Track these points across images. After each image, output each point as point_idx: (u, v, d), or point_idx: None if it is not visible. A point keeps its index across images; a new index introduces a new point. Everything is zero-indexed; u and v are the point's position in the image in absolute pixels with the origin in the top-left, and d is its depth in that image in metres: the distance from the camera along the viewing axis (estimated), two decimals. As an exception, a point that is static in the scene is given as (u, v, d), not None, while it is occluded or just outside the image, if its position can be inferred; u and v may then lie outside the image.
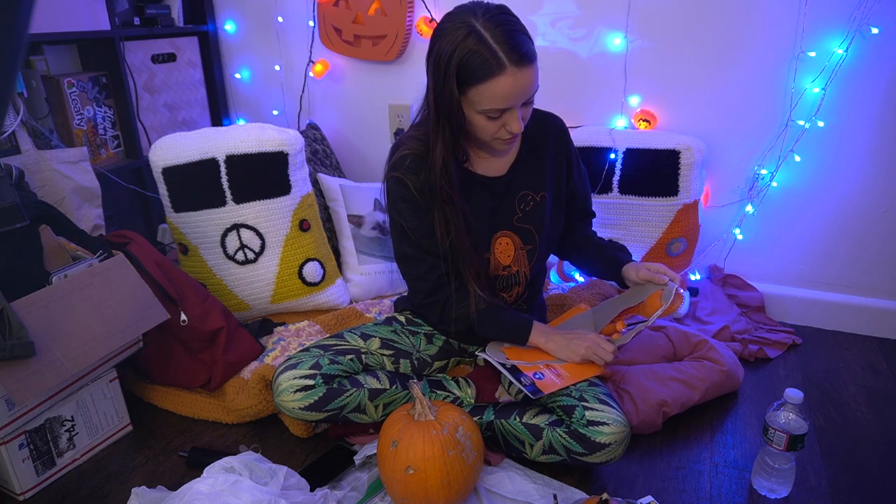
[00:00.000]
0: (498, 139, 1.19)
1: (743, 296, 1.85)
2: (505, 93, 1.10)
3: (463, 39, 1.07)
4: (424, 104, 1.21)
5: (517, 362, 1.25)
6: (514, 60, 1.08)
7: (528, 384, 1.20)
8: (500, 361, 1.26)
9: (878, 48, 1.55)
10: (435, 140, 1.18)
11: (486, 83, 1.09)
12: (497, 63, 1.07)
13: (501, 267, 1.32)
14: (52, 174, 1.64)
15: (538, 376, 1.22)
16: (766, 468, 1.18)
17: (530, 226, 1.32)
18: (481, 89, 1.10)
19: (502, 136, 1.18)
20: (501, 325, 1.28)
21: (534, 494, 1.17)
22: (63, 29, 1.75)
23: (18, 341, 1.09)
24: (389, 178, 1.24)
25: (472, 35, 1.07)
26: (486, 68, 1.08)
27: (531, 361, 1.26)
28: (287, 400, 1.21)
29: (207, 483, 0.97)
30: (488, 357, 1.28)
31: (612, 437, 1.14)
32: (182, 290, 1.47)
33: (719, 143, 1.76)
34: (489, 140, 1.20)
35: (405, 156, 1.22)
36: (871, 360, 1.65)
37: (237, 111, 2.36)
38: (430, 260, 1.26)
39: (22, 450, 1.20)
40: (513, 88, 1.10)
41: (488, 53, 1.07)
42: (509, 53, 1.07)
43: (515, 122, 1.14)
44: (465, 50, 1.07)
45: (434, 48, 1.13)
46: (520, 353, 1.29)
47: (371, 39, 2.00)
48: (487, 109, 1.12)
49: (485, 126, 1.16)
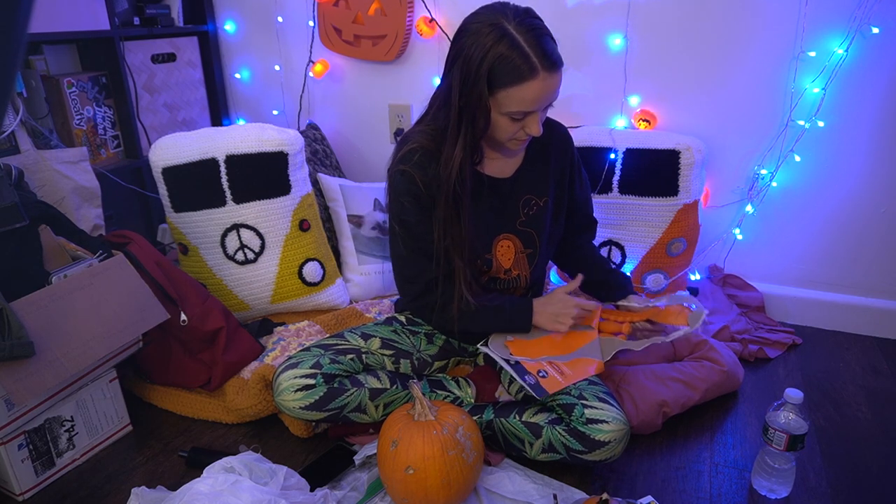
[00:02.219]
0: (515, 140, 1.20)
1: (743, 296, 1.85)
2: (534, 97, 1.11)
3: (495, 43, 1.08)
4: (442, 102, 1.20)
5: (521, 358, 1.25)
6: (545, 66, 1.09)
7: (532, 383, 1.20)
8: (503, 357, 1.25)
9: (878, 48, 1.55)
10: (454, 140, 1.17)
11: (517, 87, 1.09)
12: (530, 68, 1.08)
13: (503, 270, 1.32)
14: (52, 174, 1.63)
15: (542, 374, 1.22)
16: (766, 468, 1.18)
17: (532, 230, 1.32)
18: (511, 92, 1.10)
19: (520, 137, 1.19)
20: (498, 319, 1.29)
21: (534, 494, 1.17)
22: (63, 29, 1.75)
23: (18, 341, 1.09)
24: (396, 171, 1.23)
25: (506, 38, 1.07)
26: (518, 73, 1.08)
27: (534, 357, 1.26)
28: (287, 399, 1.21)
29: (207, 483, 0.97)
30: (490, 352, 1.27)
31: (611, 435, 1.14)
32: (182, 290, 1.47)
33: (719, 143, 1.76)
34: (506, 141, 1.20)
35: (414, 150, 1.22)
36: (871, 360, 1.65)
37: (237, 111, 2.36)
38: (423, 262, 1.26)
39: (21, 450, 1.20)
40: (541, 92, 1.11)
41: (521, 58, 1.07)
42: (542, 59, 1.08)
43: (536, 124, 1.16)
44: (498, 54, 1.08)
45: (461, 49, 1.12)
46: (523, 348, 1.28)
47: (371, 39, 2.00)
48: (513, 112, 1.13)
49: (506, 127, 1.17)
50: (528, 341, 1.30)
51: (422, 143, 1.21)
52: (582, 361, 1.25)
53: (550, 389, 1.19)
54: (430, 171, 1.20)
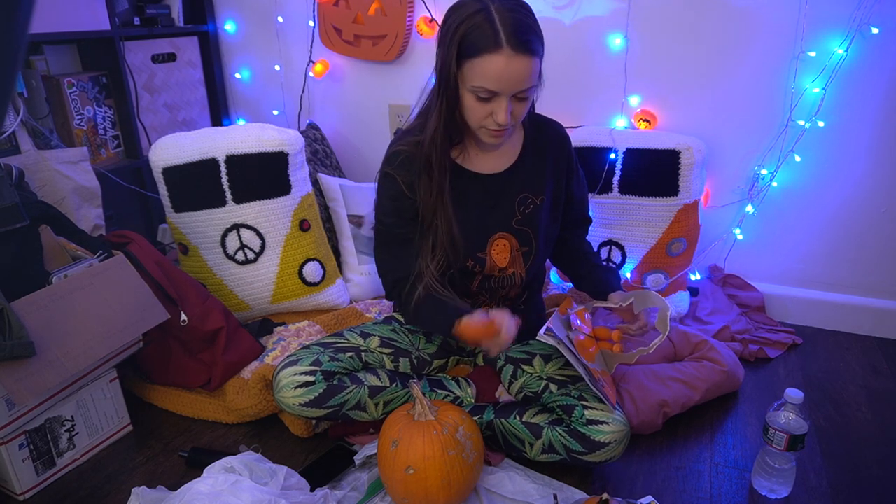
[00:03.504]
0: (484, 128, 1.19)
1: (743, 296, 1.85)
2: (496, 73, 1.11)
3: (472, 14, 1.11)
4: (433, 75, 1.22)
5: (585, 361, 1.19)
6: (512, 44, 1.09)
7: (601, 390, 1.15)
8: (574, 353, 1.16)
9: (878, 48, 1.55)
10: (433, 110, 1.20)
11: (480, 58, 1.11)
12: (495, 41, 1.09)
13: (497, 269, 1.32)
14: (52, 174, 1.63)
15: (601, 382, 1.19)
16: (766, 468, 1.18)
17: (528, 228, 1.32)
18: (474, 63, 1.12)
19: (489, 126, 1.18)
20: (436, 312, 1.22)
21: (534, 494, 1.17)
22: (63, 29, 1.75)
23: (18, 341, 1.09)
24: (380, 172, 1.28)
25: (483, 12, 1.10)
26: (482, 42, 1.10)
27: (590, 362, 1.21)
28: (287, 396, 1.21)
29: (207, 483, 0.97)
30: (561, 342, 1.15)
31: (611, 436, 1.14)
32: (182, 290, 1.47)
33: (719, 143, 1.76)
34: (476, 128, 1.21)
35: (398, 152, 1.25)
36: (871, 360, 1.65)
37: (237, 111, 2.36)
38: (394, 260, 1.29)
39: (22, 450, 1.20)
40: (504, 71, 1.10)
41: (490, 30, 1.09)
42: (509, 36, 1.09)
43: (503, 111, 1.14)
44: (471, 24, 1.11)
45: (445, 20, 1.16)
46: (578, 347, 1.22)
47: (371, 39, 2.00)
48: (477, 87, 1.13)
49: (473, 107, 1.17)
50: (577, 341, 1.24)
51: (407, 145, 1.24)
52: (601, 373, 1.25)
53: (613, 400, 1.18)
54: (414, 171, 1.23)
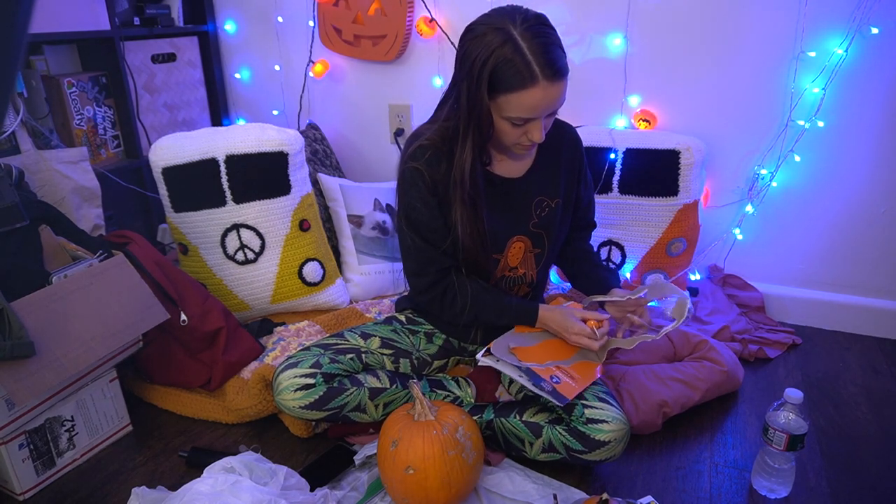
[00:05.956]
0: (518, 145, 1.19)
1: (743, 296, 1.85)
2: (533, 104, 1.10)
3: (499, 46, 1.07)
4: (453, 102, 1.19)
5: (531, 364, 1.21)
6: (547, 74, 1.07)
7: (550, 389, 1.16)
8: (514, 364, 1.20)
9: (878, 48, 1.55)
10: (464, 142, 1.17)
11: (517, 93, 1.09)
12: (530, 75, 1.07)
13: (508, 268, 1.32)
14: (52, 174, 1.64)
15: (555, 380, 1.19)
16: (766, 468, 1.18)
17: (543, 231, 1.32)
18: (510, 98, 1.10)
19: (523, 143, 1.18)
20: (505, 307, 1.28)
21: (534, 494, 1.17)
22: (63, 29, 1.75)
23: (18, 341, 1.09)
24: (406, 167, 1.23)
25: (509, 43, 1.06)
26: (518, 79, 1.07)
27: (542, 363, 1.22)
28: (287, 399, 1.21)
29: (207, 483, 0.97)
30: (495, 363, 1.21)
31: (611, 435, 1.14)
32: (182, 290, 1.47)
33: (719, 143, 1.76)
34: (510, 145, 1.20)
35: (424, 146, 1.21)
36: (871, 360, 1.65)
37: (237, 111, 2.36)
38: (431, 252, 1.25)
39: (22, 450, 1.20)
40: (542, 101, 1.10)
41: (522, 65, 1.06)
42: (543, 67, 1.07)
43: (538, 131, 1.15)
44: (500, 57, 1.07)
45: (467, 49, 1.11)
46: (527, 354, 1.24)
47: (371, 39, 2.00)
48: (513, 117, 1.12)
49: (508, 132, 1.16)
50: (530, 347, 1.27)
51: (433, 141, 1.21)
52: (584, 364, 1.25)
53: (569, 395, 1.16)
54: (440, 168, 1.20)
